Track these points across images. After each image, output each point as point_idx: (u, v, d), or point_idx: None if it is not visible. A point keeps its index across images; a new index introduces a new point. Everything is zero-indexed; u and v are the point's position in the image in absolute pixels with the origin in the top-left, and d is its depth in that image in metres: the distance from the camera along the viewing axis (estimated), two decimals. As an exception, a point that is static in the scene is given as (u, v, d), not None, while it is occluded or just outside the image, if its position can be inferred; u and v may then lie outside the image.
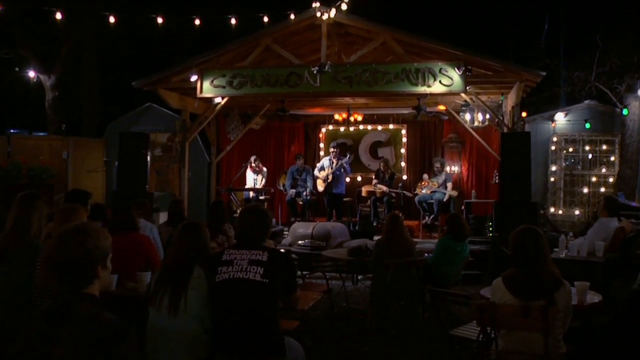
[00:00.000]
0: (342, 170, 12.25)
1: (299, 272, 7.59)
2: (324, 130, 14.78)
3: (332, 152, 12.47)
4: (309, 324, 6.65)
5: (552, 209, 12.05)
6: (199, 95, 10.95)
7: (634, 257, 6.61)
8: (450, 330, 4.73)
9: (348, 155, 12.38)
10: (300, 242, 10.32)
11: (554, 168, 12.11)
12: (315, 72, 9.99)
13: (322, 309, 7.26)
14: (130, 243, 5.13)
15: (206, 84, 10.81)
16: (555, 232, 10.05)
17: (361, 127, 14.36)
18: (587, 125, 11.50)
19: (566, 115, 11.92)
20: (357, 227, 11.11)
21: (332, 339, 6.39)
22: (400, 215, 11.73)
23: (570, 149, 12.04)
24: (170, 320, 3.55)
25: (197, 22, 10.91)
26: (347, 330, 6.74)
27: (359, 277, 8.90)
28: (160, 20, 10.74)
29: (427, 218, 12.02)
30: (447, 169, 12.94)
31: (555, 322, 3.62)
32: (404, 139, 14.31)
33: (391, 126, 14.33)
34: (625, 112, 10.75)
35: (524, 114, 10.94)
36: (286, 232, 11.24)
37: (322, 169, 12.48)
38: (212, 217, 7.20)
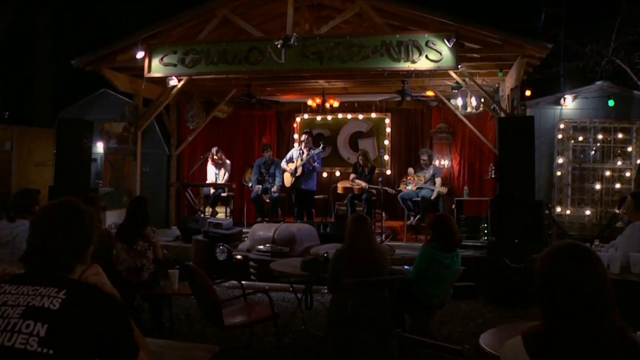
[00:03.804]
0: (311, 167, 10.62)
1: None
2: (298, 119, 13.29)
3: (304, 140, 10.80)
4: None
5: (558, 209, 10.46)
6: (146, 75, 9.68)
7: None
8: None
9: (321, 146, 10.72)
10: (260, 246, 8.80)
11: (560, 160, 10.48)
12: (279, 46, 8.61)
13: (273, 334, 5.70)
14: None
15: (155, 62, 9.59)
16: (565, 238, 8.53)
17: (340, 115, 12.92)
18: (611, 103, 9.84)
19: (575, 98, 10.32)
20: (328, 230, 9.46)
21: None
22: (381, 213, 10.42)
23: (580, 138, 10.42)
24: None
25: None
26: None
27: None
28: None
29: (412, 218, 10.56)
30: (436, 162, 11.53)
31: None
32: (388, 129, 12.86)
33: (373, 115, 12.87)
34: None
35: (528, 93, 9.34)
36: (246, 235, 9.66)
37: (290, 160, 10.84)
38: (131, 217, 5.70)
